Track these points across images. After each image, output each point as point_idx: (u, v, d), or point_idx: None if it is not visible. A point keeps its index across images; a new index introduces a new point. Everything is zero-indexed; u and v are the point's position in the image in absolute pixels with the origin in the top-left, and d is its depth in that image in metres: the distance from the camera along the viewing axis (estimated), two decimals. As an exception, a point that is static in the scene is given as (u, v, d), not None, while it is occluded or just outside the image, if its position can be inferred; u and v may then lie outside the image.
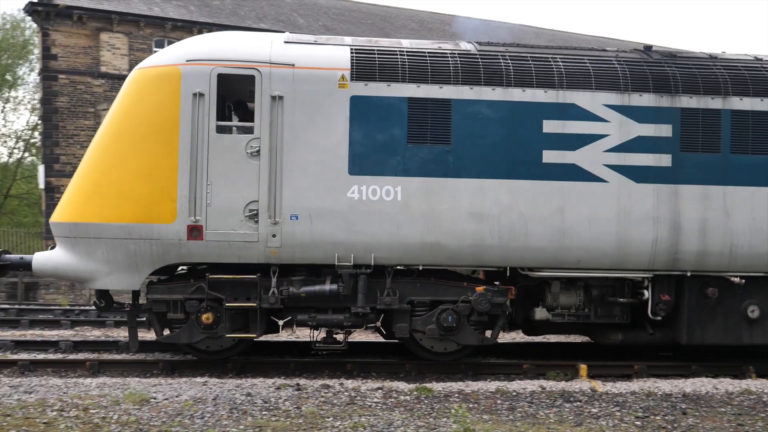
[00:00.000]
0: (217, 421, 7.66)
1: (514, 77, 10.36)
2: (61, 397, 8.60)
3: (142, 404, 8.26)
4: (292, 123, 10.07)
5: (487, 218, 10.16)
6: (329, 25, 32.44)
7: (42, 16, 27.59)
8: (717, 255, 10.54)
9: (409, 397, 8.79)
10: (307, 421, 7.77)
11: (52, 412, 7.98)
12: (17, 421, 7.58)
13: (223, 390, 8.91)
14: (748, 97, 10.67)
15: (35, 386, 9.17)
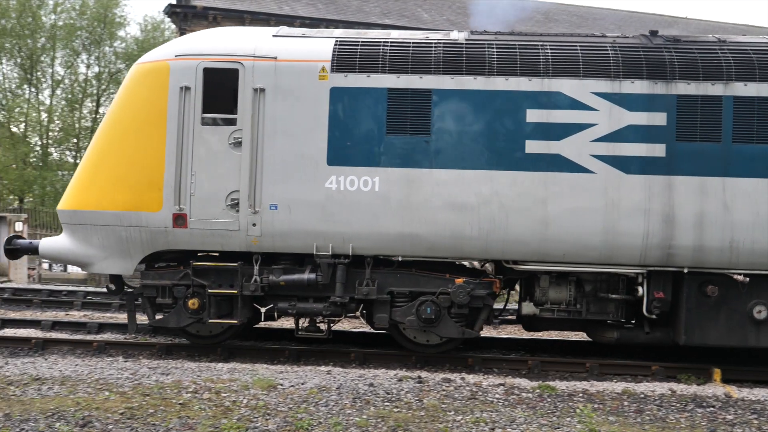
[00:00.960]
0: (341, 410, 7.79)
1: (497, 66, 10.07)
2: (194, 379, 8.90)
3: (269, 390, 8.46)
4: (273, 114, 10.17)
5: (466, 209, 9.92)
6: (453, 19, 32.27)
7: (180, 17, 28.94)
8: (716, 251, 9.83)
9: (531, 395, 8.66)
10: (429, 413, 7.77)
11: (186, 393, 8.30)
12: (155, 401, 7.94)
13: (347, 379, 9.04)
14: (754, 83, 9.90)
15: (171, 368, 9.57)
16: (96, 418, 7.38)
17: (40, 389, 8.46)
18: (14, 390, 8.41)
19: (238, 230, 10.07)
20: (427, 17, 32.35)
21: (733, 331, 10.06)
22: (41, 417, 7.41)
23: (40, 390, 8.43)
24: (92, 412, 7.53)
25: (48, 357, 10.38)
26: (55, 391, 8.39)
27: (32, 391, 8.40)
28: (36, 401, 7.97)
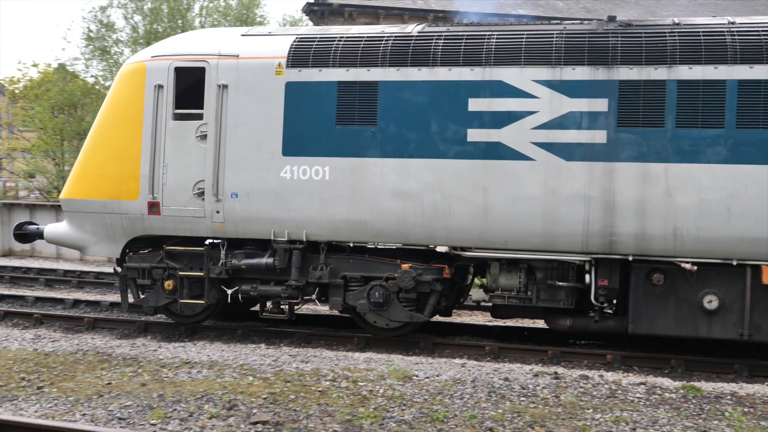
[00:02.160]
0: (476, 403, 7.68)
1: (441, 57, 10.14)
2: (332, 368, 9.10)
3: (405, 381, 8.51)
4: (235, 108, 10.69)
5: (410, 197, 10.07)
6: (590, 7, 31.27)
7: (318, 15, 29.61)
8: (659, 238, 9.49)
9: (674, 395, 8.25)
10: (566, 410, 7.56)
11: (325, 381, 8.46)
12: (296, 388, 8.15)
13: (482, 373, 8.94)
14: (699, 65, 9.44)
15: (311, 356, 9.82)
16: (241, 402, 7.57)
17: (190, 372, 8.87)
18: (167, 372, 8.84)
19: (203, 217, 10.66)
20: (562, 6, 31.48)
21: (683, 321, 9.70)
22: (192, 399, 7.68)
23: (190, 373, 8.83)
24: (237, 396, 7.77)
25: (197, 342, 10.79)
26: (204, 374, 8.77)
27: (183, 374, 8.80)
28: (186, 384, 8.33)
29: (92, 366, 9.12)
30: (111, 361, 9.37)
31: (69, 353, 9.82)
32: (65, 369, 8.98)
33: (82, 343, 10.54)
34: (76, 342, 10.60)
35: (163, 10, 39.23)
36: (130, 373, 8.81)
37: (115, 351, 9.98)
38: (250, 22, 39.23)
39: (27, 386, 8.18)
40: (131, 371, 8.88)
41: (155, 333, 11.46)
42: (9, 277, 17.20)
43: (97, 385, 8.20)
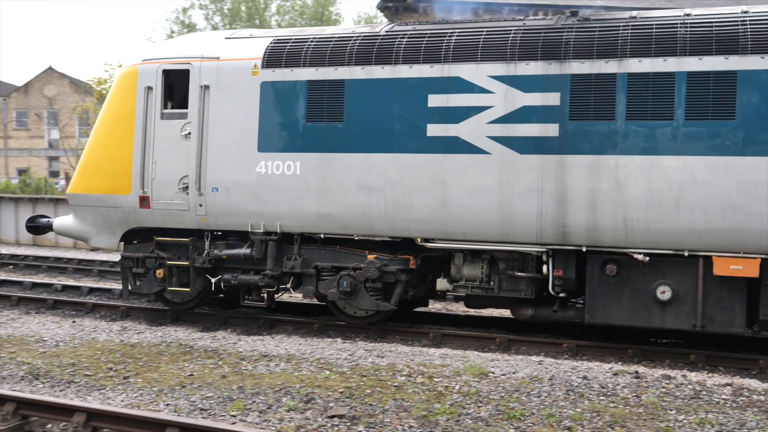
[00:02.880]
0: (554, 402, 7.50)
1: (403, 55, 10.40)
2: (408, 363, 9.01)
3: (481, 377, 8.36)
4: (215, 107, 11.20)
5: (374, 190, 10.39)
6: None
7: (392, 12, 29.61)
8: (610, 229, 9.54)
9: (763, 398, 7.85)
10: (648, 411, 7.26)
11: (401, 376, 8.37)
12: (372, 382, 8.10)
13: (559, 371, 8.75)
14: (649, 58, 9.39)
15: (386, 351, 9.77)
16: (318, 395, 7.54)
17: (269, 365, 8.90)
18: (246, 365, 8.90)
19: (188, 210, 11.24)
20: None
21: (637, 311, 9.69)
22: (270, 391, 7.69)
23: (269, 366, 8.87)
24: (314, 390, 7.75)
25: (275, 336, 10.89)
26: (282, 367, 8.79)
27: (262, 366, 8.85)
28: (265, 376, 8.37)
29: (175, 357, 9.32)
30: (193, 353, 9.55)
31: (153, 345, 10.05)
32: (150, 360, 9.19)
33: (166, 335, 10.79)
34: (160, 334, 10.85)
35: (241, 10, 40.03)
36: (211, 365, 8.95)
37: (197, 343, 10.17)
38: (326, 21, 39.67)
39: (114, 376, 8.37)
40: (212, 363, 9.02)
41: (235, 326, 11.63)
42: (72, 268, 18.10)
43: (179, 376, 8.36)
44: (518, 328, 11.36)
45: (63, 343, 10.10)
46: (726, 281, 9.39)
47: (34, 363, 8.83)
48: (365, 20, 42.59)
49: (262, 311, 12.05)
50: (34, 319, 11.92)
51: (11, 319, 11.86)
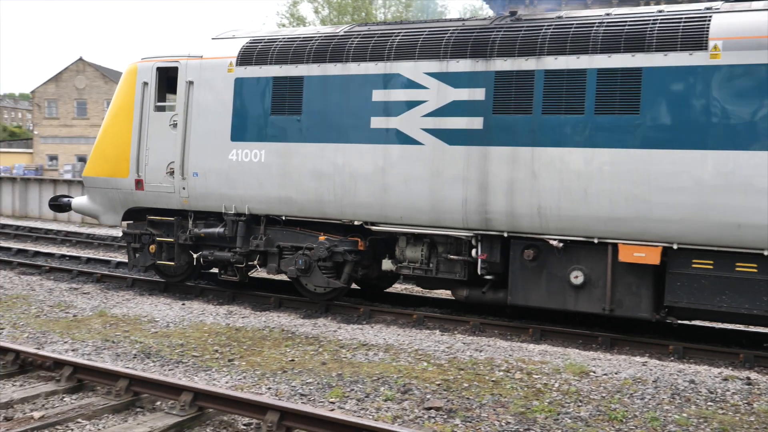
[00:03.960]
0: (658, 405, 7.08)
1: (353, 54, 11.13)
2: (506, 358, 8.72)
3: (581, 376, 7.99)
4: (198, 101, 12.19)
5: (325, 177, 11.17)
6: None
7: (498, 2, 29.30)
8: (526, 216, 9.99)
9: None
10: (759, 419, 6.76)
11: (499, 371, 8.11)
12: (469, 376, 7.88)
13: (664, 373, 8.25)
14: (564, 56, 9.80)
15: (484, 346, 9.48)
16: (415, 387, 7.36)
17: (367, 354, 8.81)
18: (345, 353, 8.85)
19: (173, 192, 12.32)
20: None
21: (554, 294, 10.07)
22: (368, 380, 7.59)
23: (367, 355, 8.78)
24: (412, 381, 7.59)
25: (374, 325, 10.76)
26: (380, 357, 8.68)
27: (360, 355, 8.77)
28: (364, 365, 8.27)
29: (277, 342, 9.34)
30: (294, 339, 9.56)
31: (257, 329, 10.11)
32: (253, 344, 9.22)
33: (269, 320, 10.84)
34: (264, 319, 10.90)
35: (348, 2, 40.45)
36: (311, 351, 8.93)
37: (299, 330, 10.18)
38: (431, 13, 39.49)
39: (219, 358, 8.45)
40: (312, 350, 9.01)
41: (336, 314, 11.52)
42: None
43: (281, 361, 8.36)
44: (621, 328, 10.99)
45: (173, 324, 10.34)
46: (633, 268, 9.66)
47: (146, 342, 9.06)
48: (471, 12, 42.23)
49: (362, 301, 12.28)
50: (147, 300, 12.25)
51: (126, 299, 12.21)
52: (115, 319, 10.55)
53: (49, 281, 13.80)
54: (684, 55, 9.20)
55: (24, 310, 10.96)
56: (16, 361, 7.57)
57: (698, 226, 9.11)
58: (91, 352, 8.58)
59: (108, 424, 6.17)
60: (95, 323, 10.20)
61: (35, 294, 12.31)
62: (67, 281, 13.93)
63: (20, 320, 10.21)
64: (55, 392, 6.87)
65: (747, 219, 8.83)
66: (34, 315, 10.65)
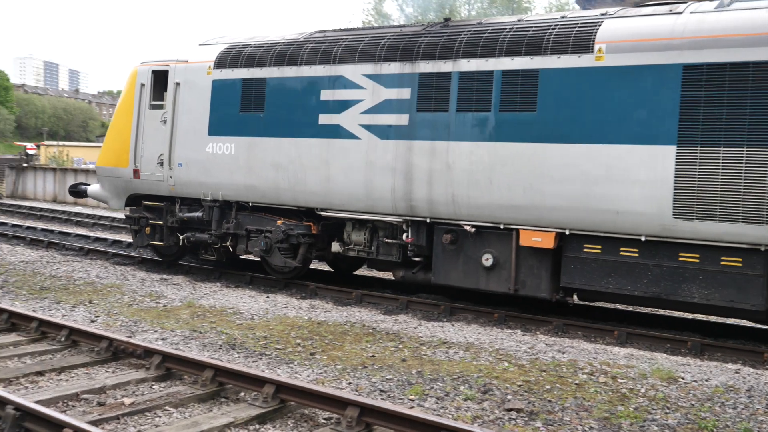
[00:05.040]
0: (752, 415, 6.62)
1: (306, 58, 12.18)
2: (590, 361, 8.28)
3: (669, 382, 7.51)
4: (183, 100, 13.49)
5: (281, 167, 12.28)
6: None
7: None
8: (443, 204, 10.85)
9: None
10: None
11: (582, 374, 7.70)
12: (552, 378, 7.50)
13: (759, 382, 7.72)
14: (475, 59, 10.54)
15: (567, 347, 9.06)
16: (496, 387, 7.07)
17: (447, 352, 8.51)
18: (425, 350, 8.57)
19: (163, 181, 13.67)
20: None
21: (469, 275, 10.84)
22: (448, 378, 7.31)
23: (447, 353, 8.47)
24: (492, 381, 7.28)
25: (454, 323, 10.45)
26: (460, 355, 8.36)
27: (440, 353, 8.46)
28: (444, 363, 7.97)
29: (358, 338, 9.12)
30: (375, 335, 9.32)
31: (338, 324, 9.90)
32: (335, 338, 9.03)
33: (350, 315, 10.66)
34: (345, 314, 10.71)
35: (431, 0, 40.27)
36: (391, 347, 8.70)
37: (379, 325, 9.96)
38: (516, 9, 38.88)
39: (301, 351, 8.30)
40: (393, 346, 8.78)
41: (416, 311, 11.28)
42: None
43: (362, 357, 8.15)
44: (713, 332, 10.57)
45: (257, 316, 10.25)
46: (534, 251, 10.31)
47: (231, 333, 9.00)
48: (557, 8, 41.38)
49: (442, 299, 12.20)
50: (233, 292, 12.23)
51: (213, 291, 12.29)
52: (202, 309, 10.76)
53: (142, 271, 14.19)
54: (574, 57, 9.84)
55: (117, 299, 11.31)
56: (110, 348, 7.80)
57: (584, 214, 9.75)
58: (180, 341, 8.74)
59: (194, 413, 6.25)
60: (184, 313, 10.44)
61: (128, 283, 12.68)
62: (157, 272, 14.33)
63: (114, 308, 10.55)
64: (144, 380, 7.03)
65: (625, 207, 9.45)
66: (127, 304, 10.98)
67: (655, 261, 9.50)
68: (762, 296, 8.86)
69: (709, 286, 9.20)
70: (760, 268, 8.86)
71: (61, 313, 9.93)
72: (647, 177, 9.27)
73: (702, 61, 9.11)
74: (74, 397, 6.42)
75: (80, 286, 12.07)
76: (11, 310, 9.13)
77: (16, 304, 10.18)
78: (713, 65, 9.05)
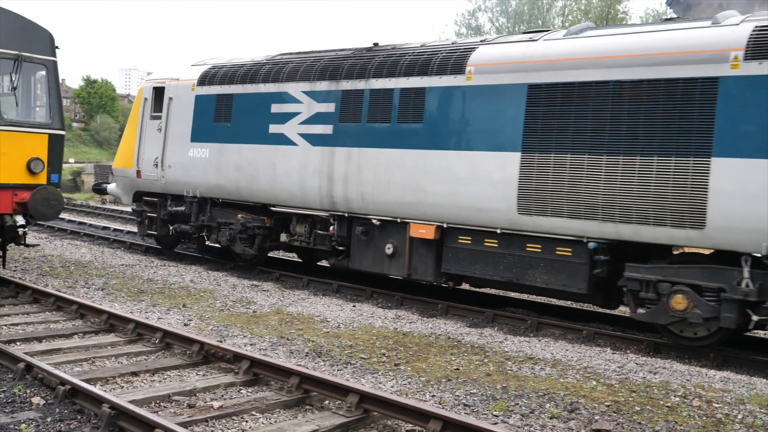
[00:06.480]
0: None
1: (262, 77, 13.92)
2: (683, 383, 7.65)
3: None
4: (174, 112, 15.43)
5: (242, 169, 14.04)
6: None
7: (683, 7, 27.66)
8: (355, 201, 12.40)
9: None
10: None
11: (674, 397, 7.10)
12: (642, 399, 6.95)
13: None
14: (382, 79, 12.11)
15: (659, 368, 8.36)
16: (583, 406, 6.59)
17: (533, 368, 8.03)
18: (511, 365, 8.10)
19: (157, 180, 15.60)
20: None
21: (377, 261, 12.40)
22: (533, 395, 6.87)
23: (533, 369, 7.99)
24: (579, 399, 6.79)
25: (541, 339, 9.87)
26: (547, 372, 7.88)
27: (526, 369, 8.02)
28: (529, 379, 7.51)
29: (443, 350, 8.70)
30: (460, 348, 8.87)
31: (423, 335, 9.49)
32: (419, 350, 8.62)
33: (436, 327, 10.19)
34: (430, 326, 10.23)
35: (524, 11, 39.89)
36: (476, 361, 8.27)
37: (464, 338, 9.48)
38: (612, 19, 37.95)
39: (386, 362, 7.95)
40: (478, 360, 8.34)
41: (502, 324, 10.75)
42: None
43: (446, 369, 7.74)
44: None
45: (343, 325, 9.99)
46: (423, 242, 11.67)
47: (317, 341, 8.74)
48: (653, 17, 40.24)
49: (529, 312, 12.01)
50: (320, 300, 11.90)
51: (301, 298, 12.00)
52: (290, 317, 10.86)
53: (233, 278, 14.47)
54: (451, 77, 11.27)
55: (210, 303, 11.53)
56: (201, 352, 7.96)
57: (456, 210, 11.11)
58: (268, 347, 8.77)
59: (279, 419, 6.23)
60: (272, 320, 10.56)
61: (220, 289, 12.89)
62: (248, 278, 14.62)
63: (206, 313, 10.78)
64: (233, 384, 7.10)
65: (484, 204, 10.79)
66: (218, 309, 11.19)
67: (509, 251, 10.79)
68: (585, 281, 10.11)
69: (548, 272, 10.43)
70: (585, 257, 10.04)
71: (157, 316, 10.22)
72: (500, 179, 10.52)
73: (542, 81, 10.33)
74: (166, 399, 6.57)
75: (175, 290, 12.38)
76: (110, 312, 9.48)
77: (115, 306, 10.56)
78: (550, 84, 10.27)
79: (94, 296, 10.91)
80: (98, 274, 13.06)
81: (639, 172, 9.43)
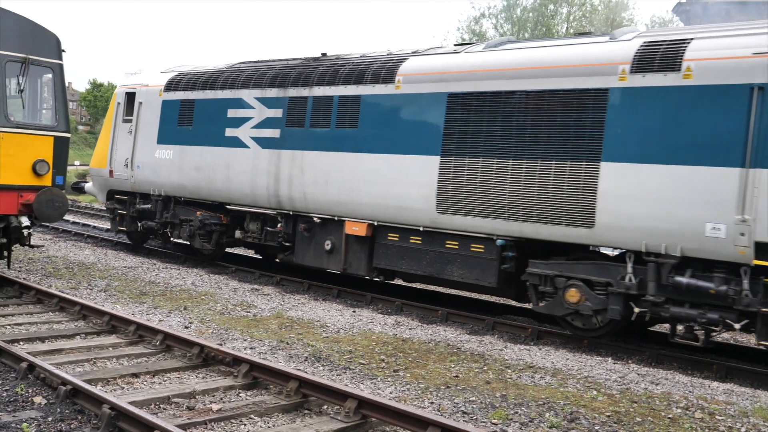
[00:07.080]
0: None
1: (220, 84, 14.60)
2: (686, 395, 7.53)
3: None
4: (143, 115, 16.17)
5: (201, 170, 14.75)
6: None
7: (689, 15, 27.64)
8: (299, 200, 13.13)
9: None
10: None
11: (676, 408, 6.98)
12: (643, 410, 6.84)
13: None
14: (323, 86, 12.90)
15: (661, 378, 8.22)
16: (583, 416, 6.49)
17: (533, 377, 7.93)
18: (511, 374, 7.97)
19: (128, 179, 16.31)
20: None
21: (317, 257, 13.10)
22: (533, 404, 6.77)
23: (533, 378, 7.89)
24: (579, 409, 6.69)
25: (542, 347, 9.69)
26: (547, 381, 7.78)
27: (526, 377, 7.90)
28: (529, 388, 7.41)
29: (442, 357, 8.57)
30: (459, 355, 8.73)
31: (423, 342, 9.35)
32: (419, 356, 8.51)
33: (435, 334, 10.04)
34: (430, 332, 10.08)
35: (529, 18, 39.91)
36: (476, 368, 8.14)
37: (464, 345, 9.36)
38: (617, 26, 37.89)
39: (385, 368, 7.85)
40: (477, 367, 8.22)
41: (502, 332, 10.59)
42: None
43: (445, 376, 7.63)
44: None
45: (343, 330, 9.85)
46: (357, 239, 12.28)
47: (317, 346, 8.61)
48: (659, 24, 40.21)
49: (530, 321, 11.97)
50: (320, 305, 11.70)
51: (301, 303, 11.82)
52: (290, 321, 10.79)
53: (234, 281, 14.41)
54: (382, 86, 12.01)
55: (210, 306, 11.48)
56: (201, 355, 7.94)
57: (385, 209, 11.78)
58: (267, 351, 8.69)
59: (278, 423, 6.17)
60: (272, 324, 10.50)
61: (221, 292, 12.82)
62: (249, 282, 14.58)
63: (207, 316, 10.74)
64: (232, 387, 7.05)
65: (409, 204, 11.49)
66: (219, 312, 11.14)
67: (431, 247, 11.45)
68: (495, 276, 10.81)
69: (464, 267, 11.11)
70: (495, 253, 10.74)
71: (158, 318, 10.20)
72: (422, 180, 11.21)
73: (459, 91, 11.06)
74: (165, 400, 6.54)
75: (176, 293, 12.34)
76: (112, 313, 9.47)
77: (117, 308, 10.56)
78: (466, 93, 10.98)
79: (96, 298, 10.89)
80: (101, 275, 13.10)
81: (539, 175, 10.07)
